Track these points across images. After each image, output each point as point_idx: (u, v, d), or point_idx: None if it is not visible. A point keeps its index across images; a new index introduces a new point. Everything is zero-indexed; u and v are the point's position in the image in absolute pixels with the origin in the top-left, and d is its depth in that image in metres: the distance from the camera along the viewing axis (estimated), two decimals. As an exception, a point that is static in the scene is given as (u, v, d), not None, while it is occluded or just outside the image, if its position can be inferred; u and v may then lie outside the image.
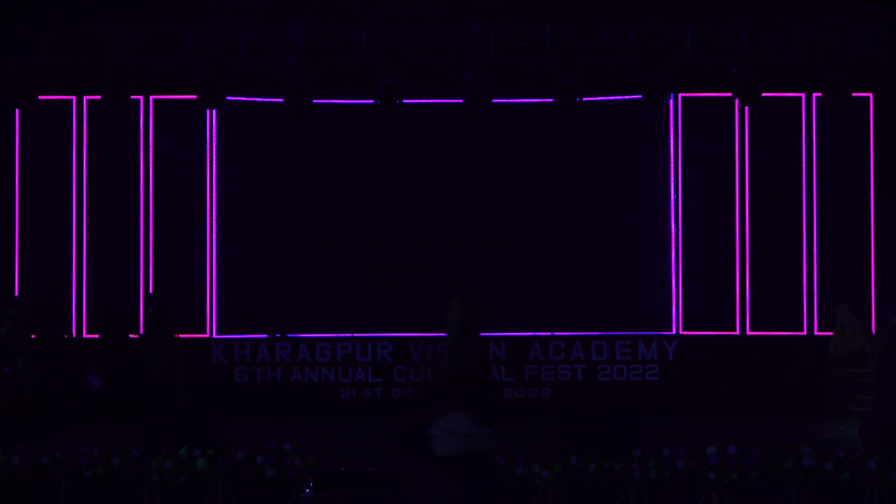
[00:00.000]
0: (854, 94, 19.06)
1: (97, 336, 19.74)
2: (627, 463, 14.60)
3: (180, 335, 19.28)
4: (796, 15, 18.84)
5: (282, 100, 19.10)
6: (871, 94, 19.94)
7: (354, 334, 20.10)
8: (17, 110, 19.86)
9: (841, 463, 14.63)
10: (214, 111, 19.99)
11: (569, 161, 20.32)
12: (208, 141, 20.26)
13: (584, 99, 19.11)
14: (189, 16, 18.95)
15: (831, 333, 19.35)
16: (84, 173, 20.16)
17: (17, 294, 19.62)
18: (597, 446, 14.76)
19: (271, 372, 20.02)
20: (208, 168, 20.25)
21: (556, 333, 20.11)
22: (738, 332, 20.12)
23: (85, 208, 20.15)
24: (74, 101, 20.14)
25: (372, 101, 19.05)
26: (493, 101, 19.07)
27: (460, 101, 19.15)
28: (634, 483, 14.59)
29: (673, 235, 20.24)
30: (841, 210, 20.11)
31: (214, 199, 20.25)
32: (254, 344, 20.03)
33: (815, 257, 20.07)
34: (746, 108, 19.90)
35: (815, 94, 19.85)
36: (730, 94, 19.28)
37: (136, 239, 20.13)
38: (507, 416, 17.83)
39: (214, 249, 20.23)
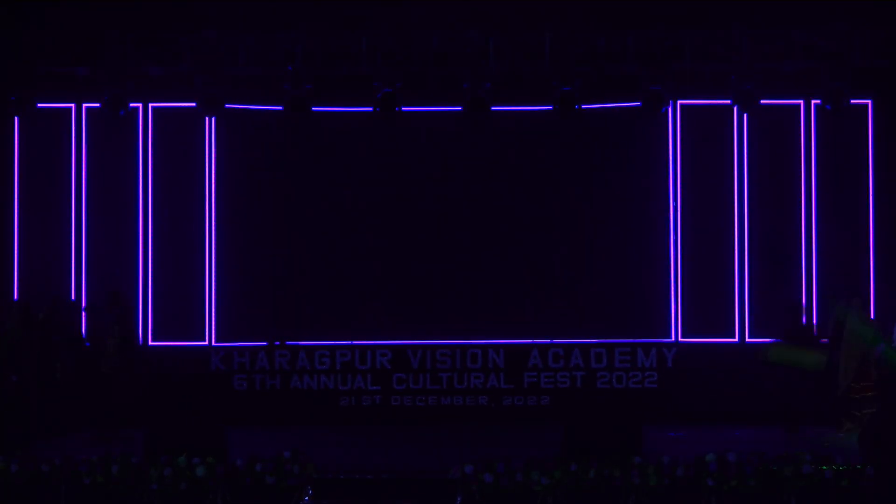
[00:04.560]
0: (853, 101, 19.07)
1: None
2: (627, 470, 14.60)
3: None
4: (795, 22, 18.85)
5: (281, 107, 19.12)
6: (869, 101, 19.95)
7: (353, 342, 20.10)
8: (16, 118, 19.86)
9: (840, 470, 14.63)
10: (213, 118, 20.00)
11: (567, 168, 20.32)
12: (207, 148, 20.26)
13: (583, 106, 19.12)
14: (188, 23, 18.97)
15: (825, 341, 19.26)
16: (83, 181, 20.17)
17: (16, 298, 19.63)
18: (596, 453, 14.76)
19: (270, 379, 20.02)
20: (207, 175, 20.25)
21: (555, 341, 20.11)
22: (737, 340, 20.12)
23: (84, 216, 20.15)
24: (74, 109, 20.15)
25: (371, 108, 19.07)
26: (492, 108, 19.08)
27: (459, 108, 19.17)
28: (634, 490, 14.59)
29: (672, 242, 20.24)
30: (840, 217, 20.11)
31: (213, 206, 20.25)
32: (253, 351, 20.04)
33: (814, 265, 20.07)
34: (745, 115, 19.91)
35: (813, 101, 19.86)
36: (728, 101, 19.29)
37: (135, 246, 20.13)
38: None
39: (213, 257, 20.24)
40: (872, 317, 19.28)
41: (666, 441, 16.74)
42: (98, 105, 19.16)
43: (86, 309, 19.54)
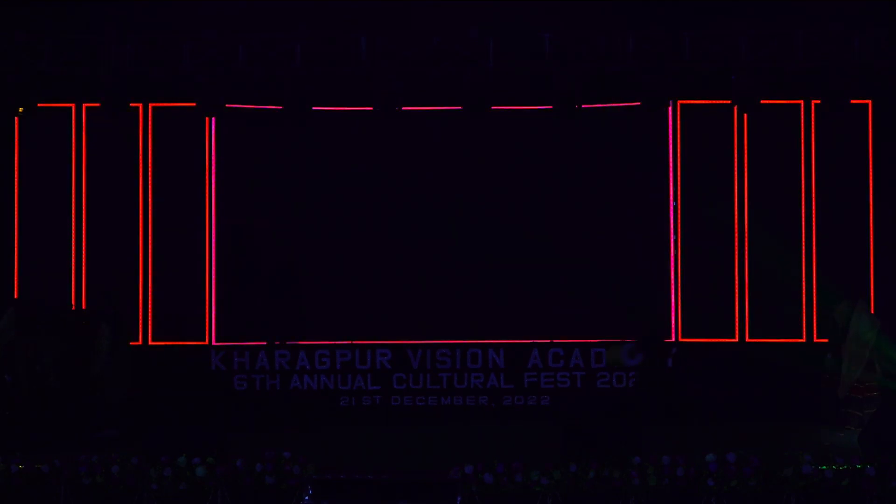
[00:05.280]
0: (853, 101, 19.07)
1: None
2: (627, 470, 14.63)
3: None
4: (795, 22, 18.84)
5: (281, 107, 19.11)
6: (869, 101, 19.95)
7: (353, 342, 20.11)
8: (16, 118, 19.86)
9: (840, 470, 14.64)
10: (214, 119, 20.00)
11: (567, 168, 20.32)
12: (207, 148, 20.26)
13: (583, 106, 19.12)
14: (188, 23, 18.96)
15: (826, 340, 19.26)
16: (83, 181, 20.17)
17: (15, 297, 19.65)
18: (596, 453, 14.77)
19: (270, 379, 20.02)
20: (207, 175, 20.26)
21: (555, 340, 20.10)
22: (737, 339, 20.12)
23: (84, 216, 20.15)
24: (74, 109, 20.15)
25: (371, 108, 19.07)
26: (492, 108, 19.08)
27: (459, 108, 19.16)
28: (634, 490, 14.61)
29: (672, 242, 20.24)
30: (840, 217, 20.11)
31: (214, 206, 20.25)
32: (253, 351, 20.04)
33: (814, 265, 20.08)
34: (745, 114, 19.91)
35: (814, 101, 19.86)
36: (729, 101, 19.29)
37: (136, 246, 20.13)
38: None
39: (214, 257, 20.24)
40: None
41: (666, 441, 16.72)
42: (98, 105, 19.16)
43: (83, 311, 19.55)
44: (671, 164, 20.28)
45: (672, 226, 20.25)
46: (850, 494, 14.71)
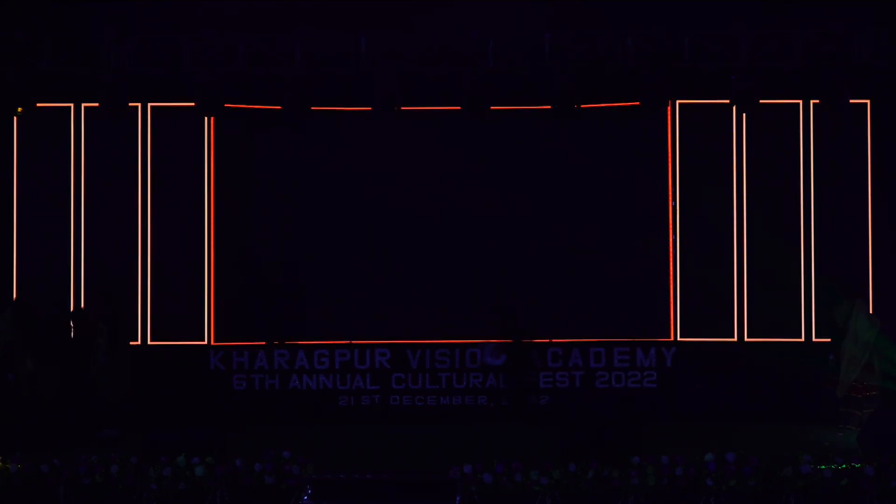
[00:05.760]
0: (852, 101, 19.09)
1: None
2: (626, 470, 14.63)
3: None
4: (794, 22, 18.87)
5: (280, 107, 19.12)
6: (868, 101, 19.96)
7: (352, 341, 20.11)
8: (15, 118, 19.87)
9: (839, 470, 14.66)
10: (213, 118, 20.00)
11: (567, 168, 20.33)
12: (207, 148, 20.26)
13: (583, 106, 19.13)
14: (188, 23, 18.97)
15: (829, 340, 19.27)
16: (82, 181, 20.17)
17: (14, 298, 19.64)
18: (595, 453, 14.78)
19: (269, 379, 20.03)
20: (207, 175, 20.26)
21: (554, 340, 20.10)
22: (736, 339, 20.13)
23: (83, 216, 20.15)
24: (73, 109, 20.15)
25: (370, 108, 19.08)
26: (492, 108, 19.09)
27: (459, 108, 19.17)
28: (633, 490, 14.62)
29: (671, 242, 20.25)
30: (839, 217, 20.12)
31: (213, 206, 20.25)
32: (252, 351, 20.04)
33: (812, 264, 20.09)
34: (744, 114, 19.92)
35: (813, 101, 19.88)
36: (728, 101, 19.30)
37: (135, 246, 20.13)
38: None
39: (213, 257, 20.24)
40: (871, 317, 19.33)
41: (665, 441, 16.74)
42: (97, 105, 19.17)
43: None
44: (670, 164, 20.28)
45: (670, 225, 20.25)
46: (849, 494, 14.71)
